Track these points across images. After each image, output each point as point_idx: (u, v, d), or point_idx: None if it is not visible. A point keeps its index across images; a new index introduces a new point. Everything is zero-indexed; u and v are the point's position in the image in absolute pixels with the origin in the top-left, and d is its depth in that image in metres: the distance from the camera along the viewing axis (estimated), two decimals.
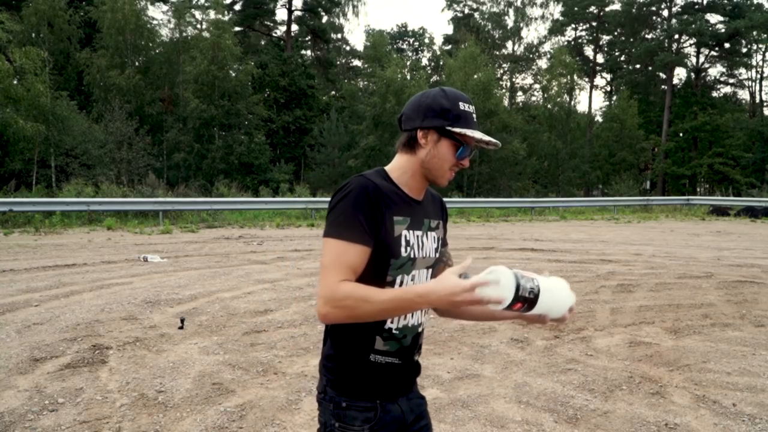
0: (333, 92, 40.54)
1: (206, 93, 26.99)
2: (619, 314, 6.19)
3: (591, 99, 53.09)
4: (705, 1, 39.19)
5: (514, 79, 45.86)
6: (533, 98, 45.61)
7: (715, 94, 42.85)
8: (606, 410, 3.69)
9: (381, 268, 1.44)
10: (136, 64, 28.00)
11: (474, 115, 1.51)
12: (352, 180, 1.45)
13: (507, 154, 31.16)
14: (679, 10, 40.11)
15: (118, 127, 23.30)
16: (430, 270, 1.56)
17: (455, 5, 46.10)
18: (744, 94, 46.87)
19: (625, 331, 5.52)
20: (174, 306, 6.27)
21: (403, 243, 1.46)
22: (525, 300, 1.33)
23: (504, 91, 43.28)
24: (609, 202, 25.92)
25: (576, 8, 41.63)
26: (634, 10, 40.29)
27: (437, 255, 1.59)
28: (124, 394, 3.84)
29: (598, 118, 43.16)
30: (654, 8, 41.02)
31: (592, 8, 41.88)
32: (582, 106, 53.55)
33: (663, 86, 41.44)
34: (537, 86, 44.84)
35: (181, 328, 5.36)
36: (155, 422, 3.43)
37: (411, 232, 1.49)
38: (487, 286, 1.29)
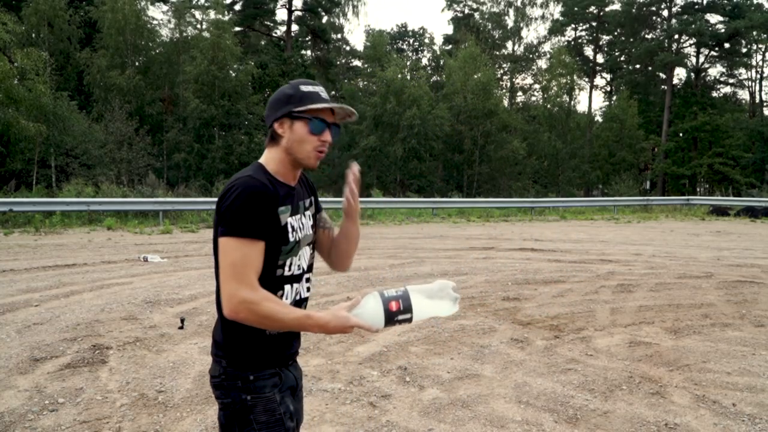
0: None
1: (206, 93, 26.97)
2: (619, 314, 6.19)
3: (591, 99, 53.04)
4: (705, 1, 39.16)
5: (514, 79, 45.85)
6: (533, 98, 45.62)
7: (715, 94, 42.81)
8: (606, 410, 3.69)
9: (273, 255, 1.58)
10: (136, 64, 27.96)
11: (321, 93, 1.62)
12: (239, 181, 1.54)
13: (507, 154, 31.17)
14: (679, 10, 40.08)
15: (118, 127, 23.28)
16: (311, 246, 1.76)
17: (455, 5, 46.07)
18: (744, 94, 46.80)
19: (625, 331, 5.52)
20: (174, 306, 6.28)
21: (290, 230, 1.62)
22: (393, 298, 1.56)
23: (504, 91, 43.28)
24: (609, 202, 25.90)
25: (576, 8, 41.59)
26: (634, 10, 40.23)
27: (313, 231, 1.77)
28: (124, 394, 3.84)
29: (598, 118, 43.16)
30: (654, 8, 40.98)
31: (592, 8, 41.84)
32: (582, 106, 53.47)
33: (663, 86, 41.42)
34: (537, 86, 44.85)
35: (181, 328, 5.36)
36: (155, 422, 3.43)
37: (294, 218, 1.65)
38: (363, 313, 1.54)
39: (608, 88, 46.84)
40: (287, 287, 1.64)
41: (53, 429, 3.32)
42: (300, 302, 1.71)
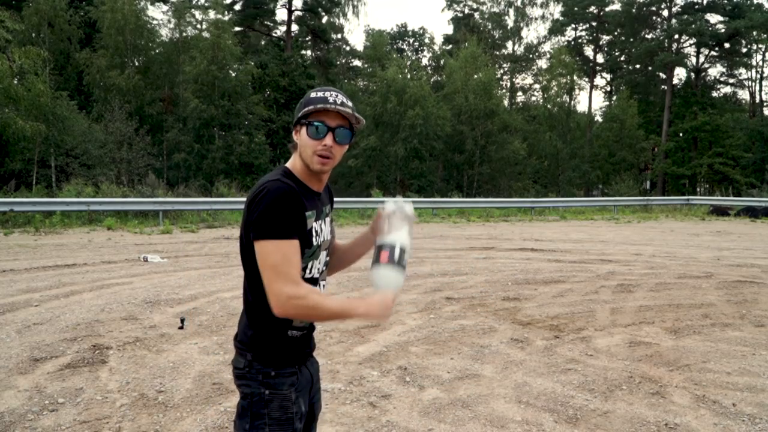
0: None
1: (206, 93, 26.95)
2: (619, 314, 6.19)
3: (591, 99, 53.10)
4: (705, 1, 39.14)
5: (514, 79, 45.86)
6: (533, 98, 45.63)
7: (715, 94, 42.79)
8: (606, 410, 3.69)
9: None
10: (136, 64, 27.95)
11: (329, 97, 1.65)
12: (268, 184, 1.58)
13: (507, 154, 31.16)
14: (679, 10, 40.07)
15: (118, 127, 23.27)
16: (327, 251, 1.81)
17: (455, 5, 46.07)
18: (744, 94, 46.86)
19: (625, 331, 5.52)
20: (174, 306, 6.28)
21: (314, 234, 1.68)
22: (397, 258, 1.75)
23: (504, 91, 43.27)
24: (609, 202, 25.88)
25: (576, 8, 41.59)
26: (634, 10, 40.22)
27: (331, 237, 1.85)
28: (124, 394, 3.84)
29: (598, 118, 43.19)
30: (654, 8, 40.97)
31: (592, 8, 41.84)
32: (582, 106, 53.63)
33: (663, 86, 41.41)
34: (537, 86, 44.86)
35: (181, 328, 5.36)
36: (155, 422, 3.43)
37: (317, 223, 1.71)
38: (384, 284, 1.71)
39: (608, 88, 46.86)
40: None
41: (53, 429, 3.32)
42: None
